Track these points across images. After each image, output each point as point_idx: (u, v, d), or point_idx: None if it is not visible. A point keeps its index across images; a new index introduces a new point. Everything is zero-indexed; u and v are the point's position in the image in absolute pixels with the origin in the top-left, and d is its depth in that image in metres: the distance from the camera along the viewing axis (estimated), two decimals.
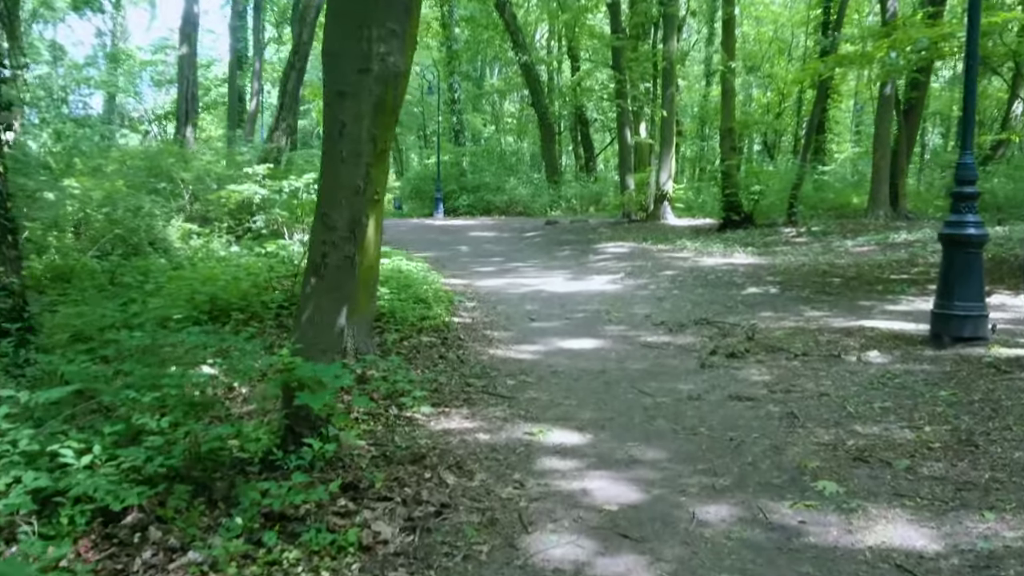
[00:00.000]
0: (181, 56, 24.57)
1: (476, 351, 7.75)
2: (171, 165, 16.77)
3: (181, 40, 24.96)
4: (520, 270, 14.47)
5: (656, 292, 11.28)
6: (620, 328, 8.87)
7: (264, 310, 8.73)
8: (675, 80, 22.06)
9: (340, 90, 4.27)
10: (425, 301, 9.94)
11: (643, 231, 19.66)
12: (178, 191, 16.51)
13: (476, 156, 38.24)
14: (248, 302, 8.94)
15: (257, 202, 14.56)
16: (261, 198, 14.41)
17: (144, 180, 16.00)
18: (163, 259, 11.92)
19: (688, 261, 14.17)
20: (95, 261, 11.52)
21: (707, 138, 40.98)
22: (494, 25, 34.70)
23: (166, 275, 10.11)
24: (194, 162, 17.43)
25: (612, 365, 7.12)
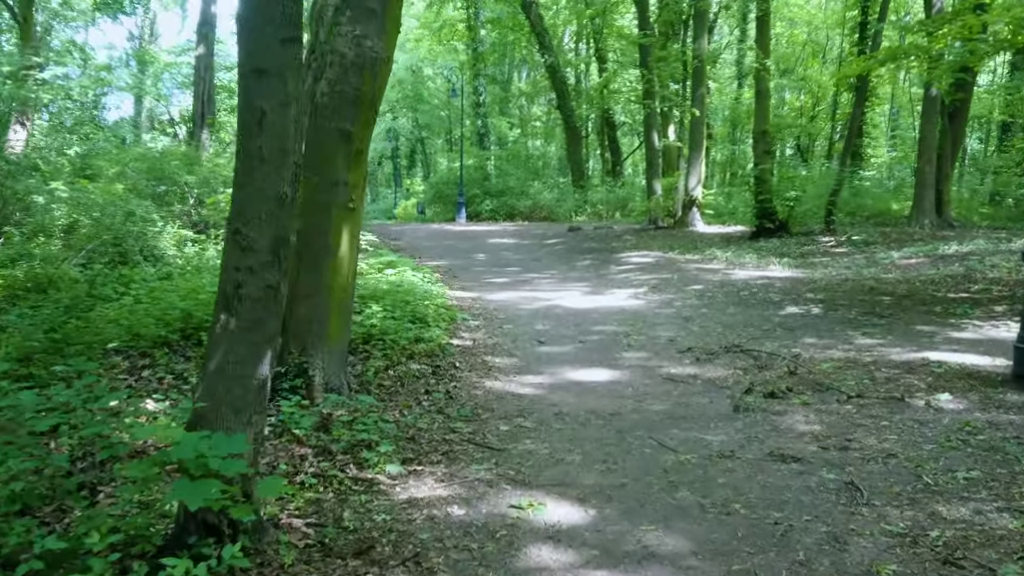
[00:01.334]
0: (198, 57, 23.80)
1: (471, 383, 6.69)
2: (175, 168, 15.93)
3: (198, 40, 24.22)
4: (536, 282, 13.40)
5: (682, 310, 10.15)
6: (640, 355, 7.76)
7: None
8: (705, 80, 20.89)
9: (258, 67, 3.20)
10: (423, 320, 8.90)
11: (670, 239, 18.50)
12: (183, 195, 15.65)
13: (501, 160, 37.27)
14: None
15: None
16: None
17: (145, 184, 15.18)
18: (152, 268, 11.03)
19: (718, 274, 13.01)
20: (79, 270, 10.65)
21: (738, 142, 39.70)
22: (520, 27, 33.73)
23: (148, 287, 9.21)
24: (199, 165, 16.57)
25: (628, 405, 6.01)
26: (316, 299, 5.83)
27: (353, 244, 5.97)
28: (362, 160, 5.91)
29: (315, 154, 5.84)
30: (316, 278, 5.83)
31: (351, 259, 5.98)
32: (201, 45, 23.43)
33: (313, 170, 5.83)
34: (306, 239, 5.85)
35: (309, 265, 5.84)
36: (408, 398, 6.10)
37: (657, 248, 17.10)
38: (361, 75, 5.73)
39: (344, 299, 5.97)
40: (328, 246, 5.81)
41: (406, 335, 7.96)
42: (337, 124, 5.72)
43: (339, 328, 5.96)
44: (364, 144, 5.90)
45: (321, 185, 5.78)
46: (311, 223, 5.83)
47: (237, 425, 3.22)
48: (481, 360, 7.58)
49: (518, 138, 42.71)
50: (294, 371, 5.78)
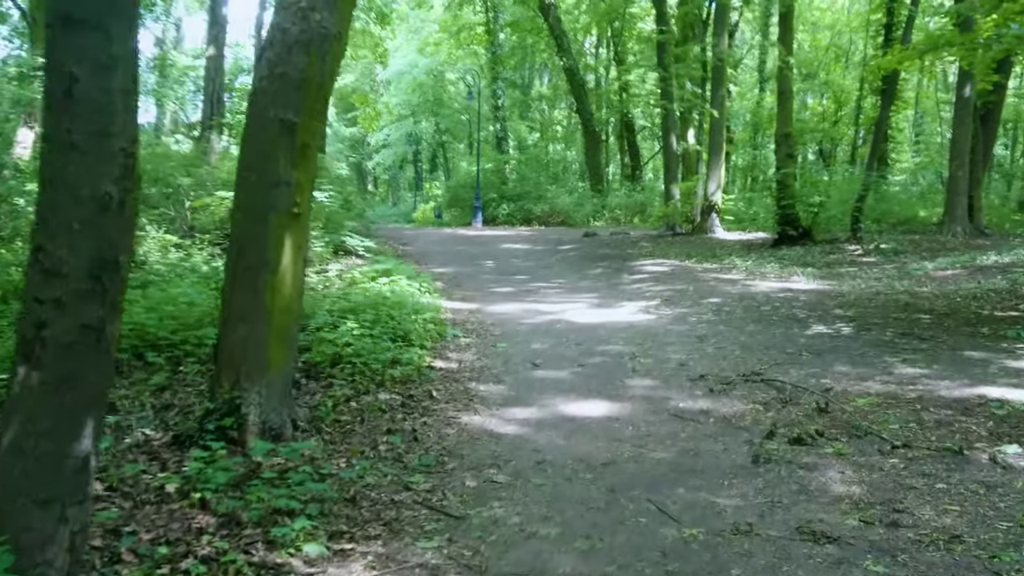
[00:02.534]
0: (209, 58, 23.10)
1: (445, 419, 5.72)
2: (170, 170, 15.10)
3: (208, 42, 23.53)
4: (542, 292, 12.41)
5: (696, 327, 9.13)
6: (645, 383, 6.75)
7: (197, 350, 6.87)
8: (726, 82, 19.87)
9: (66, 13, 2.24)
10: (406, 337, 7.96)
11: (688, 246, 17.46)
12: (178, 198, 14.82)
13: (520, 164, 36.38)
14: (184, 337, 7.08)
15: None
16: None
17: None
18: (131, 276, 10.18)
19: (737, 285, 11.96)
20: None
21: (760, 146, 38.53)
22: (539, 30, 32.84)
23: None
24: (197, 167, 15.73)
25: (626, 451, 5.02)
26: (252, 322, 4.89)
27: (298, 256, 5.02)
28: (309, 156, 4.96)
29: (252, 149, 4.91)
30: (252, 297, 4.89)
31: (295, 274, 5.03)
32: (211, 47, 22.70)
33: (249, 168, 4.91)
34: (241, 250, 4.92)
35: (244, 282, 4.90)
36: (363, 440, 5.14)
37: (673, 256, 16.07)
38: (307, 54, 4.78)
39: (287, 322, 5.02)
40: (266, 259, 4.86)
41: (381, 357, 7.01)
42: (278, 113, 4.78)
43: (281, 356, 5.01)
44: (312, 138, 4.94)
45: (258, 186, 4.85)
46: (246, 231, 4.90)
47: (43, 524, 2.27)
48: (463, 388, 6.61)
49: (537, 142, 41.76)
50: (224, 408, 4.84)
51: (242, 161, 4.95)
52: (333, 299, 9.04)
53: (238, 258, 4.92)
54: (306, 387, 6.30)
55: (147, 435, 5.08)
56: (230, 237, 5.06)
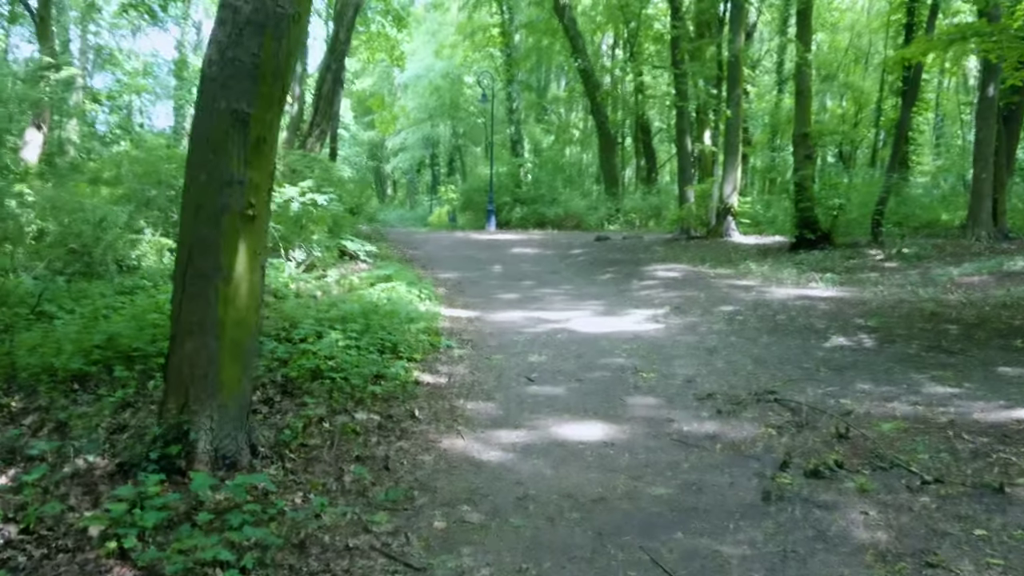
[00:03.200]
0: None
1: (424, 443, 5.19)
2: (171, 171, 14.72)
3: None
4: (548, 299, 11.87)
5: (707, 338, 8.55)
6: (648, 402, 6.20)
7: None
8: (742, 82, 19.23)
9: None
10: (395, 349, 7.46)
11: (702, 250, 16.85)
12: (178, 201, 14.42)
13: (535, 168, 35.88)
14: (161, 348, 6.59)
15: None
16: None
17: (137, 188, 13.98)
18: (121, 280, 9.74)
19: (752, 292, 11.36)
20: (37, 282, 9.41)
21: (778, 148, 37.80)
22: (554, 31, 32.34)
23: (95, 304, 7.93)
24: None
25: (620, 485, 4.47)
26: (202, 336, 4.39)
27: (254, 263, 4.51)
28: (266, 152, 4.45)
29: (201, 144, 4.41)
30: (203, 309, 4.38)
31: (252, 283, 4.52)
32: None
33: (198, 165, 4.40)
34: (190, 256, 4.41)
35: (194, 292, 4.40)
36: (328, 470, 4.63)
37: (686, 260, 15.48)
38: (261, 36, 4.28)
39: (242, 336, 4.51)
40: (218, 266, 4.36)
41: (364, 371, 6.50)
42: (229, 103, 4.28)
43: (235, 374, 4.50)
44: (268, 131, 4.44)
45: (208, 185, 4.34)
46: (196, 236, 4.40)
47: None
48: (449, 406, 6.08)
49: (552, 145, 41.23)
50: (171, 434, 4.34)
51: (190, 158, 4.45)
52: (323, 307, 8.57)
53: (187, 265, 4.42)
54: (278, 405, 5.79)
55: (90, 463, 4.59)
56: (178, 242, 4.57)
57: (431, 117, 43.05)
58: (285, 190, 11.57)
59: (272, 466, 4.63)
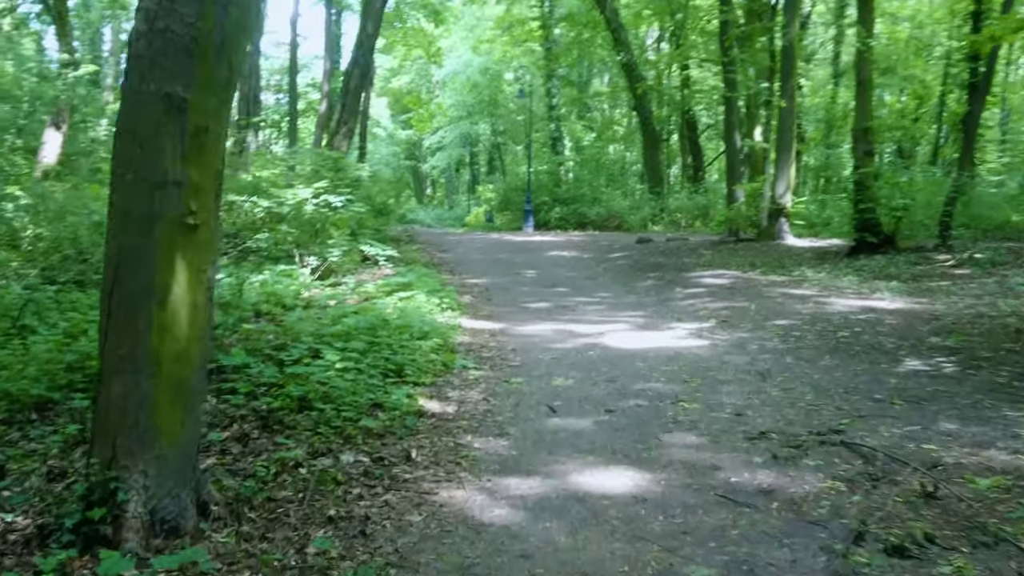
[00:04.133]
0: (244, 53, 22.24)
1: (415, 497, 4.31)
2: None
3: None
4: (581, 309, 10.94)
5: (758, 359, 7.54)
6: (689, 441, 5.24)
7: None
8: (796, 72, 18.02)
9: None
10: (399, 371, 6.61)
11: (752, 254, 15.75)
12: None
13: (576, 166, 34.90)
14: None
15: (261, 216, 11.55)
16: (265, 212, 11.36)
17: None
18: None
19: (809, 303, 10.29)
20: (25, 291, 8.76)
21: (833, 145, 36.25)
22: (595, 24, 31.29)
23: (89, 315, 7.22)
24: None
25: (650, 562, 3.53)
26: (133, 375, 3.56)
27: (198, 282, 3.67)
28: (209, 146, 3.60)
29: (128, 137, 3.57)
30: (132, 340, 3.56)
31: (196, 306, 3.67)
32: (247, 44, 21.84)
33: (125, 163, 3.57)
34: (116, 275, 3.59)
35: (122, 320, 3.57)
36: (291, 536, 3.76)
37: (735, 266, 14.40)
38: (199, 1, 3.43)
39: (184, 372, 3.67)
40: (150, 287, 3.53)
41: (360, 399, 5.66)
42: (160, 86, 3.44)
43: (176, 419, 3.67)
44: (213, 120, 3.59)
45: (136, 187, 3.51)
46: (123, 250, 3.57)
47: None
48: (453, 444, 5.20)
49: (594, 142, 40.16)
50: (95, 494, 3.53)
51: (116, 154, 3.62)
52: (327, 321, 7.75)
53: (113, 286, 3.59)
54: (254, 444, 4.96)
55: (7, 522, 3.80)
56: (104, 258, 3.74)
57: (469, 114, 42.24)
58: (298, 191, 10.82)
59: (225, 530, 3.79)
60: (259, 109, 21.54)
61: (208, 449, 4.76)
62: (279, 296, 9.50)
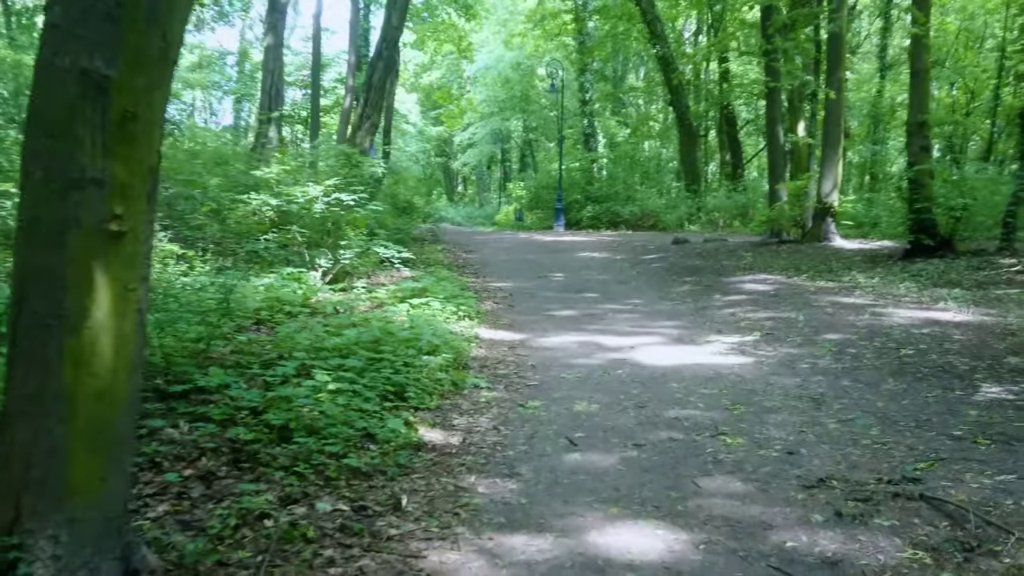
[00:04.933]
0: (266, 48, 21.70)
1: (398, 562, 3.53)
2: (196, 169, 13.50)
3: (266, 30, 22.17)
4: (611, 317, 10.12)
5: (810, 381, 6.68)
6: (733, 488, 4.42)
7: None
8: (843, 62, 16.98)
9: None
10: (401, 393, 5.86)
11: (797, 257, 14.79)
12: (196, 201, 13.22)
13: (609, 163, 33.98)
14: None
15: (271, 216, 10.87)
16: (273, 210, 10.68)
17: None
18: None
19: (864, 314, 9.36)
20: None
21: (880, 141, 34.92)
22: (631, 16, 30.33)
23: None
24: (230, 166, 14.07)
25: None
26: (41, 418, 2.84)
27: (125, 305, 2.93)
28: (140, 136, 2.86)
29: (38, 125, 2.84)
30: (41, 374, 2.83)
31: (122, 334, 2.93)
32: (269, 34, 21.27)
33: (33, 157, 2.84)
34: (23, 295, 2.87)
35: (28, 349, 2.85)
36: None
37: (779, 269, 13.47)
38: None
39: (106, 414, 2.94)
40: (62, 310, 2.81)
41: (350, 428, 4.91)
42: (77, 61, 2.71)
43: (95, 471, 2.93)
44: (143, 104, 2.84)
45: (46, 186, 2.78)
46: (31, 263, 2.85)
47: None
48: (453, 487, 4.42)
49: (629, 139, 39.17)
50: None
51: (25, 147, 2.90)
52: (328, 331, 7.02)
53: (19, 309, 2.87)
54: (220, 484, 4.23)
55: None
56: (11, 274, 3.02)
57: (501, 110, 41.41)
58: (308, 189, 10.12)
59: None
60: (281, 104, 20.91)
61: (164, 492, 4.05)
62: (283, 302, 8.82)
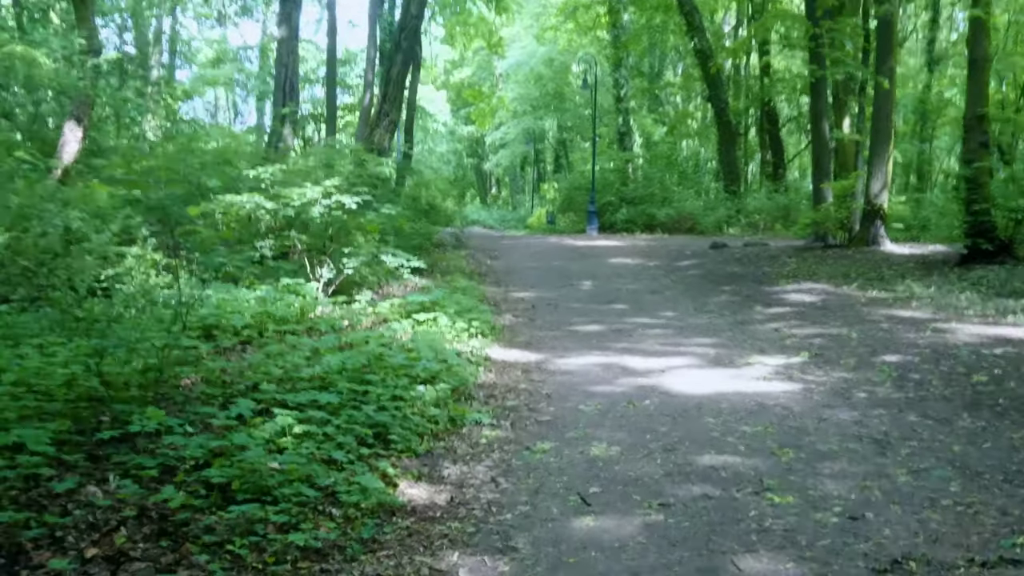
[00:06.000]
0: (280, 40, 20.96)
1: None
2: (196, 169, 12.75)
3: (280, 21, 21.41)
4: (640, 334, 9.14)
5: (870, 416, 5.66)
6: (784, 570, 3.45)
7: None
8: (895, 48, 15.79)
9: None
10: (384, 435, 4.97)
11: (844, 263, 13.66)
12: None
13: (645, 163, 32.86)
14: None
15: (266, 220, 10.07)
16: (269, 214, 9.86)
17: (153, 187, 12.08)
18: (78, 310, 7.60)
19: (924, 330, 8.27)
20: None
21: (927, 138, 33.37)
22: (667, 7, 29.22)
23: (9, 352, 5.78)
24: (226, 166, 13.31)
25: None
26: None
27: None
28: None
29: None
30: None
31: None
32: (283, 26, 20.51)
33: None
34: None
35: None
36: None
37: (826, 277, 12.38)
38: None
39: None
40: None
41: (309, 489, 4.03)
42: None
43: None
44: None
45: None
46: None
47: None
48: (428, 571, 3.51)
49: (665, 138, 37.95)
50: None
51: None
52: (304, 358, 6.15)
53: None
54: (129, 569, 3.36)
55: None
56: None
57: (534, 109, 40.36)
58: (306, 191, 9.29)
59: None
60: (297, 100, 20.17)
61: None
62: (276, 318, 7.99)
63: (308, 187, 9.32)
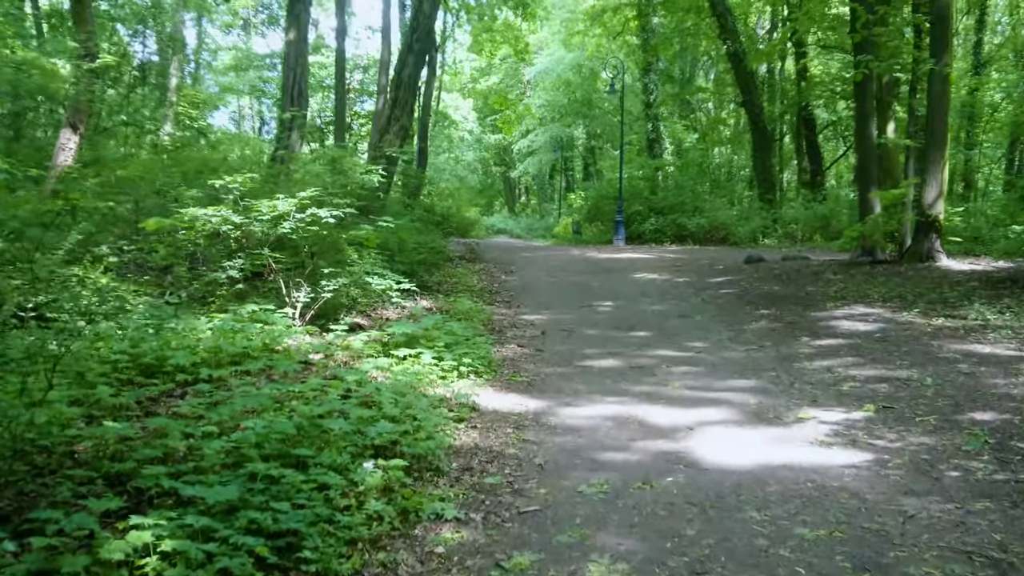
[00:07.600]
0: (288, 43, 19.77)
1: None
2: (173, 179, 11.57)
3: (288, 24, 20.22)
4: (664, 372, 7.68)
5: (971, 510, 4.16)
6: None
7: None
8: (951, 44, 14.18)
9: None
10: (295, 549, 3.58)
11: (898, 281, 12.07)
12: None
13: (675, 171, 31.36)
14: None
15: (235, 236, 8.76)
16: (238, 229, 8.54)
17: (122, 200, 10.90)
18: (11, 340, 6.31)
19: (1018, 376, 6.73)
20: None
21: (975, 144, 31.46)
22: (699, 9, 27.74)
23: None
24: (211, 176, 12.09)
25: None
26: None
27: None
28: None
29: None
30: None
31: None
32: (292, 29, 19.31)
33: None
34: None
35: None
36: None
37: (879, 300, 10.82)
38: None
39: None
40: None
41: None
42: None
43: None
44: None
45: None
46: None
47: None
48: None
49: (697, 144, 36.32)
50: None
51: None
52: (213, 425, 4.77)
53: None
54: None
55: None
56: None
57: (562, 116, 38.98)
58: (278, 203, 7.97)
59: None
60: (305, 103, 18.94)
61: None
62: (229, 354, 6.67)
63: (279, 199, 8.00)
